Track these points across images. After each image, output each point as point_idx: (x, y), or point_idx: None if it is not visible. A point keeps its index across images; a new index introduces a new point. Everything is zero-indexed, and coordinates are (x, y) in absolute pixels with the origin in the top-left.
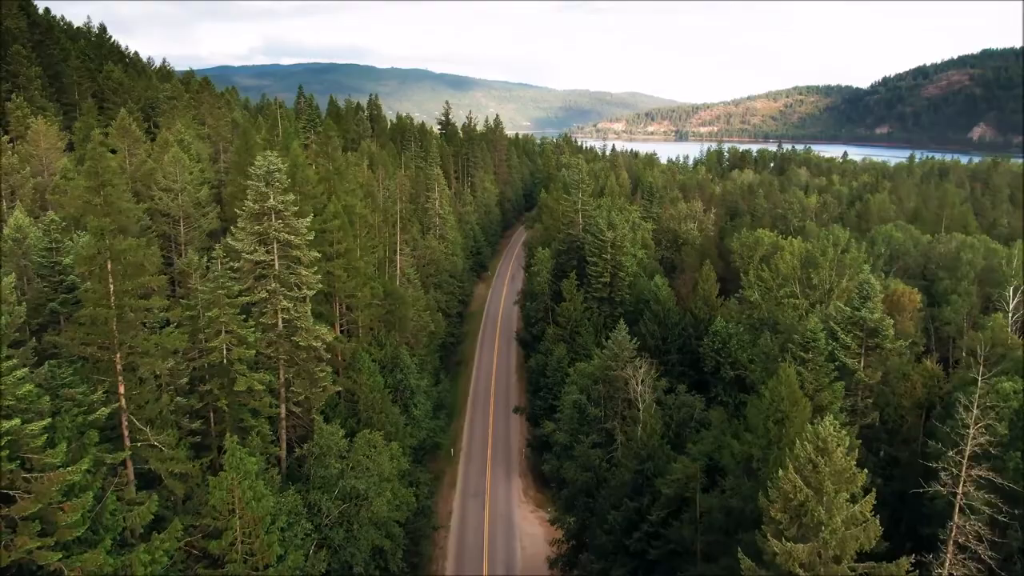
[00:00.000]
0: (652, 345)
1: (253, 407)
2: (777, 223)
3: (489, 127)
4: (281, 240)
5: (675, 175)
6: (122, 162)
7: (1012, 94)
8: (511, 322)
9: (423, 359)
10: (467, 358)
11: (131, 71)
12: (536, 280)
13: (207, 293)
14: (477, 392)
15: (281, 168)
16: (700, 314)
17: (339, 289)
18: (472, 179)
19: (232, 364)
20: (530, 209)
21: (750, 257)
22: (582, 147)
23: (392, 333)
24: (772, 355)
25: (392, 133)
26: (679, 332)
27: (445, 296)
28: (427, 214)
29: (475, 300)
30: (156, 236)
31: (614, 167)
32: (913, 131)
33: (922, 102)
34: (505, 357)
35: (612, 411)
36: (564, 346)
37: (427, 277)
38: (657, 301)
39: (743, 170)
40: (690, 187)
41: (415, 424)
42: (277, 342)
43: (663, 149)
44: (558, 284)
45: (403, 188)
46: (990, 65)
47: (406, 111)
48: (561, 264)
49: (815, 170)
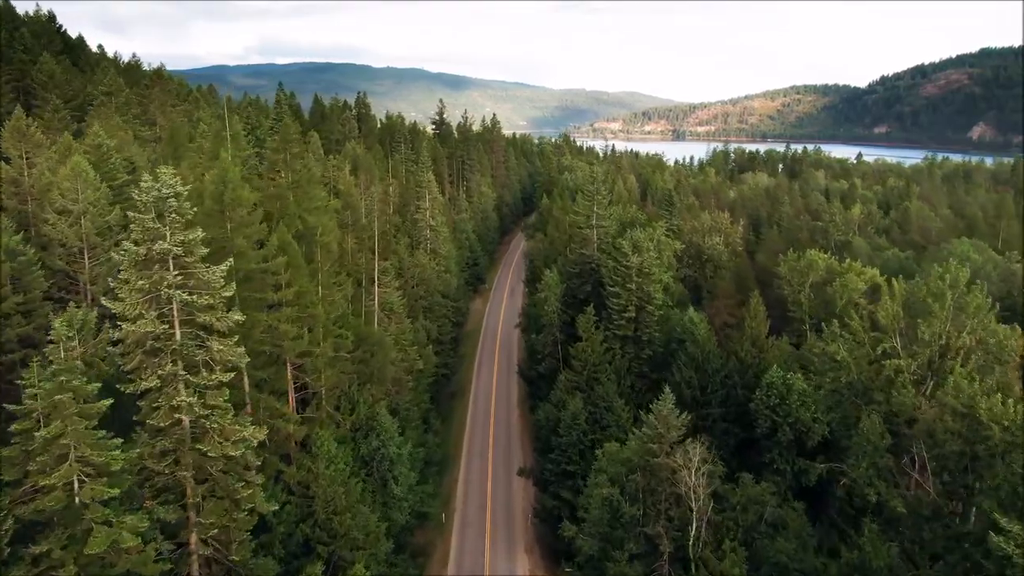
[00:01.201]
0: (688, 396)
1: (125, 571)
2: (816, 236)
3: (486, 127)
4: (181, 300)
5: (686, 179)
6: (19, 173)
7: (1012, 93)
8: (511, 345)
9: (408, 410)
10: (462, 388)
11: (83, 63)
12: (543, 308)
13: (45, 396)
14: (473, 436)
15: (180, 191)
16: (747, 358)
17: (288, 348)
18: (468, 183)
19: (85, 508)
20: (529, 213)
21: (800, 284)
22: (583, 148)
23: (367, 387)
24: (879, 447)
25: (381, 134)
26: (721, 380)
27: (437, 322)
28: (417, 226)
29: (472, 317)
30: (41, 274)
31: (619, 170)
32: (912, 130)
33: (921, 101)
34: (505, 389)
35: (654, 509)
36: (580, 398)
37: (415, 301)
38: (694, 341)
39: (755, 172)
40: (704, 192)
41: (395, 504)
42: (177, 452)
43: (661, 149)
44: (568, 313)
45: (387, 199)
46: (989, 64)
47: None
48: (572, 290)
49: (831, 172)
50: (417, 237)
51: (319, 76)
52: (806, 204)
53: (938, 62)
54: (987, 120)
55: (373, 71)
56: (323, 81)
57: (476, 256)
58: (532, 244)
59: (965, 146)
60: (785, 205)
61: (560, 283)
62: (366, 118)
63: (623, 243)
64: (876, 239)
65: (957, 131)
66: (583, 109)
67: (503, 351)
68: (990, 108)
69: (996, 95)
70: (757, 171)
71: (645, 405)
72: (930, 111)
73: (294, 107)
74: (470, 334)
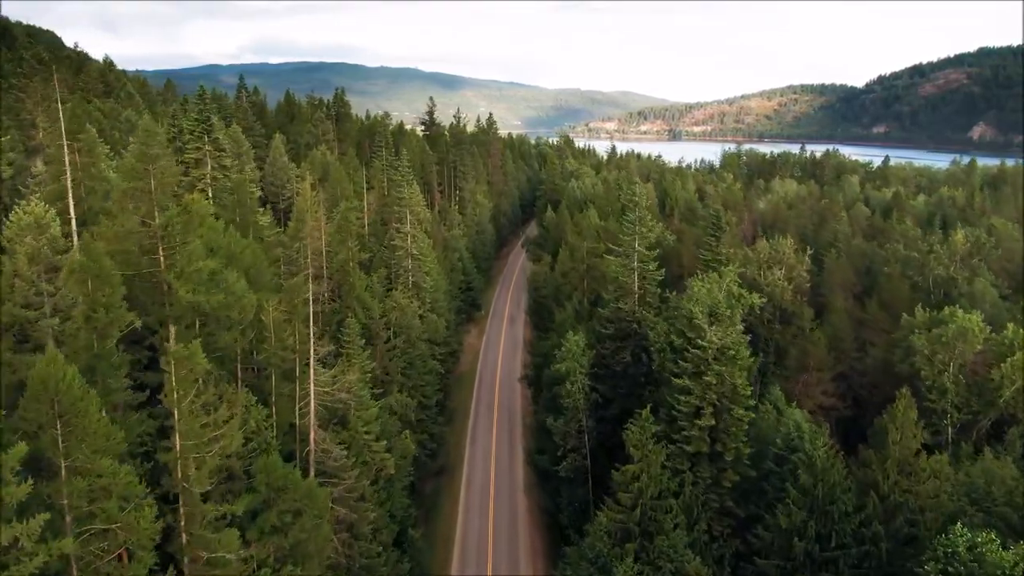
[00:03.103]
0: (801, 551)
1: None
2: (910, 272)
3: (481, 127)
4: None
5: (705, 186)
6: None
7: (1011, 92)
8: (514, 399)
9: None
10: (452, 464)
11: None
12: (565, 388)
13: None
14: (466, 545)
15: None
16: (892, 494)
17: None
18: (461, 192)
19: None
20: (528, 220)
21: (945, 363)
22: (587, 149)
23: (289, 569)
24: None
25: (360, 136)
26: (854, 531)
27: (419, 389)
28: (395, 254)
29: (465, 354)
30: None
31: (625, 171)
32: (912, 130)
33: (919, 101)
34: (507, 465)
35: None
36: (631, 552)
37: (386, 376)
38: (807, 466)
39: (782, 179)
40: (734, 204)
41: None
42: None
43: (658, 149)
44: (597, 390)
45: (349, 228)
46: (988, 63)
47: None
48: (604, 357)
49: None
50: (396, 268)
51: (311, 76)
52: (871, 223)
53: (936, 61)
54: (987, 120)
55: (367, 71)
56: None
57: (470, 279)
58: (537, 270)
59: (965, 146)
60: (841, 223)
61: (587, 349)
62: (345, 118)
63: (693, 308)
64: (991, 279)
65: (956, 131)
66: (578, 109)
67: (504, 407)
68: (990, 108)
69: (996, 94)
70: (784, 177)
71: (733, 564)
72: (929, 111)
73: (257, 104)
74: (463, 379)
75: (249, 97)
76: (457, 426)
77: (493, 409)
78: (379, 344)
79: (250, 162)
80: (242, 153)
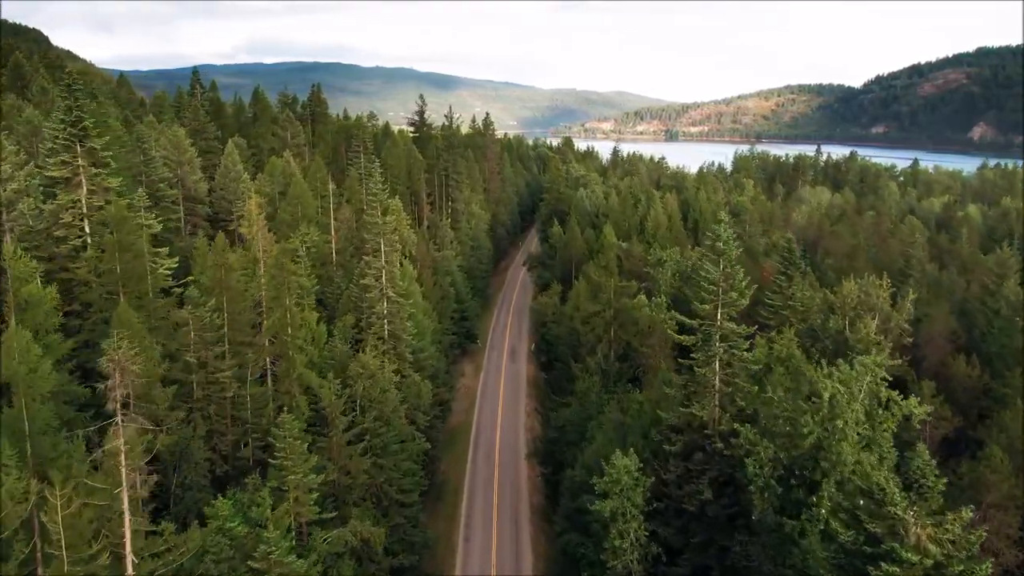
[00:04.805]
0: None
1: None
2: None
3: (477, 129)
4: None
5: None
6: None
7: (1011, 92)
8: (518, 469)
9: None
10: (440, 558)
11: None
12: (612, 540)
13: None
14: None
15: None
16: None
17: None
18: (454, 203)
19: None
20: (528, 227)
21: None
22: (590, 151)
23: None
24: None
25: (336, 140)
26: None
27: (399, 476)
28: (366, 296)
29: (458, 401)
30: None
31: (636, 177)
32: (911, 130)
33: (918, 101)
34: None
35: None
36: None
37: (347, 479)
38: None
39: (813, 186)
40: (771, 217)
41: None
42: None
43: (655, 150)
44: (658, 537)
45: (283, 280)
46: (987, 63)
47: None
48: (666, 487)
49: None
50: (367, 315)
51: (305, 76)
52: (933, 241)
53: (935, 61)
54: (987, 120)
55: (361, 70)
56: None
57: (464, 307)
58: (544, 301)
59: (965, 146)
60: (915, 247)
61: (642, 480)
62: (322, 118)
63: (881, 479)
64: None
65: (956, 131)
66: (573, 109)
67: (507, 482)
68: (989, 108)
69: (995, 94)
70: (816, 185)
71: None
72: (928, 111)
73: (214, 101)
74: (455, 436)
75: (205, 94)
76: (446, 511)
77: (492, 490)
78: (335, 436)
79: (194, 173)
80: (184, 162)
